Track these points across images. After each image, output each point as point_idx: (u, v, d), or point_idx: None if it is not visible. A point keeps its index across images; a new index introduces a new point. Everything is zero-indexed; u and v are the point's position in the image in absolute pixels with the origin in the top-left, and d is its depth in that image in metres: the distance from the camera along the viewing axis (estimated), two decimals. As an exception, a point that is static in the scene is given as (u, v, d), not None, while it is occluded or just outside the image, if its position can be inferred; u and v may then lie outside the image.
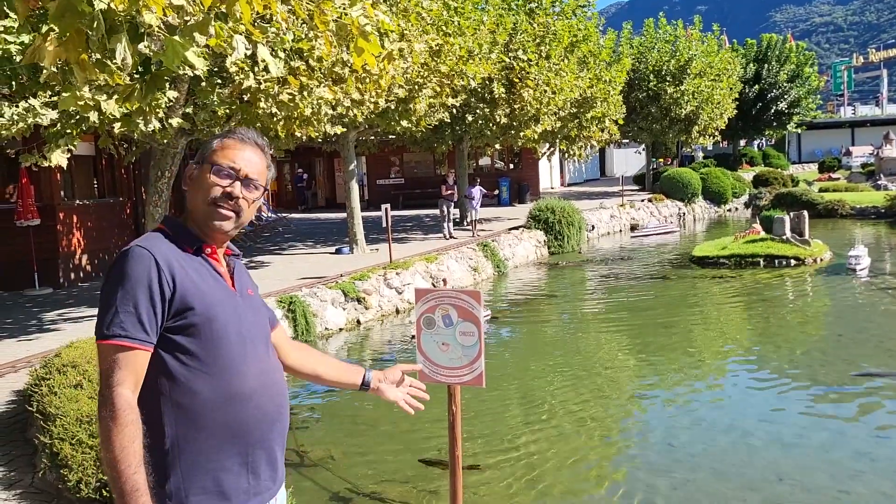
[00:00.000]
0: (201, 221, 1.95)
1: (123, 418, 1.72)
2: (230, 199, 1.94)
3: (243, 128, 2.07)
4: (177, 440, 1.81)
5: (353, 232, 15.22)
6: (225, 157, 1.96)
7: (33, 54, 2.89)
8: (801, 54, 41.30)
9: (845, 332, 9.76)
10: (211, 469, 1.83)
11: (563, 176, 39.72)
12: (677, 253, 18.02)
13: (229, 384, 1.84)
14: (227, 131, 2.04)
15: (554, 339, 10.47)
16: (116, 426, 1.71)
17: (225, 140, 1.99)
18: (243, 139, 2.00)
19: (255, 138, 2.02)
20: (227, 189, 1.94)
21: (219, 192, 1.94)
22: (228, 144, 1.98)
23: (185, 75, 7.72)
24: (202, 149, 2.02)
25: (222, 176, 1.94)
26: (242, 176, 1.96)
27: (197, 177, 1.97)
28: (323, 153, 28.25)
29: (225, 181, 1.94)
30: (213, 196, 1.93)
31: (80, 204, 12.84)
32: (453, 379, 3.00)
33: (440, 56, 13.70)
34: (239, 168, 1.96)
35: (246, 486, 1.87)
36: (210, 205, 1.92)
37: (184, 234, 1.94)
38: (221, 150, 1.97)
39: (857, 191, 27.70)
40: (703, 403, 7.26)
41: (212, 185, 1.94)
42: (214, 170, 1.94)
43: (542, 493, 5.39)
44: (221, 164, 1.95)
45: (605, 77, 21.54)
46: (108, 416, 1.72)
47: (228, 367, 1.85)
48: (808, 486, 5.27)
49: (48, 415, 4.67)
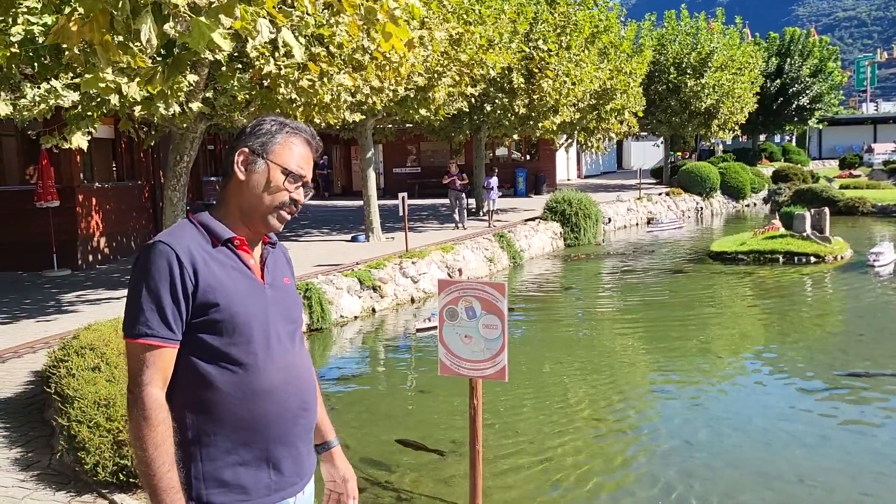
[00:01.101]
0: (256, 219, 1.89)
1: (155, 417, 1.71)
2: (295, 205, 1.92)
3: (302, 123, 1.99)
4: (197, 434, 1.79)
5: (370, 220, 15.20)
6: (294, 159, 1.90)
7: (57, 35, 2.86)
8: (824, 49, 40.74)
9: (866, 332, 9.62)
10: (230, 463, 1.80)
11: (580, 168, 39.51)
12: (695, 248, 17.86)
13: (251, 380, 1.81)
14: (289, 125, 1.94)
15: (569, 332, 10.41)
16: (148, 425, 1.70)
17: (292, 137, 1.91)
18: (308, 141, 1.94)
19: (313, 139, 1.97)
20: (294, 195, 1.90)
21: (287, 197, 1.89)
22: (297, 144, 1.92)
23: (205, 59, 7.69)
24: (262, 139, 1.90)
25: (293, 182, 1.90)
26: (306, 180, 1.93)
27: (261, 174, 1.88)
28: (340, 140, 28.23)
29: (294, 188, 1.90)
30: (282, 201, 1.89)
31: (99, 186, 12.89)
32: (475, 372, 2.95)
33: (460, 45, 13.60)
34: (306, 173, 1.93)
35: (267, 481, 1.84)
36: (276, 208, 1.89)
37: (213, 225, 1.88)
38: (289, 149, 1.90)
39: (879, 188, 27.33)
40: (721, 401, 7.18)
41: (281, 190, 1.89)
42: (290, 177, 1.89)
43: (559, 487, 5.35)
44: (294, 170, 1.89)
45: (626, 69, 21.33)
46: (139, 416, 1.71)
47: (250, 363, 1.81)
48: (828, 487, 5.19)
49: (66, 397, 4.68)
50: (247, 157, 1.89)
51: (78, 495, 4.19)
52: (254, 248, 1.94)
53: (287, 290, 1.98)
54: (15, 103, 7.06)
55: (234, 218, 1.90)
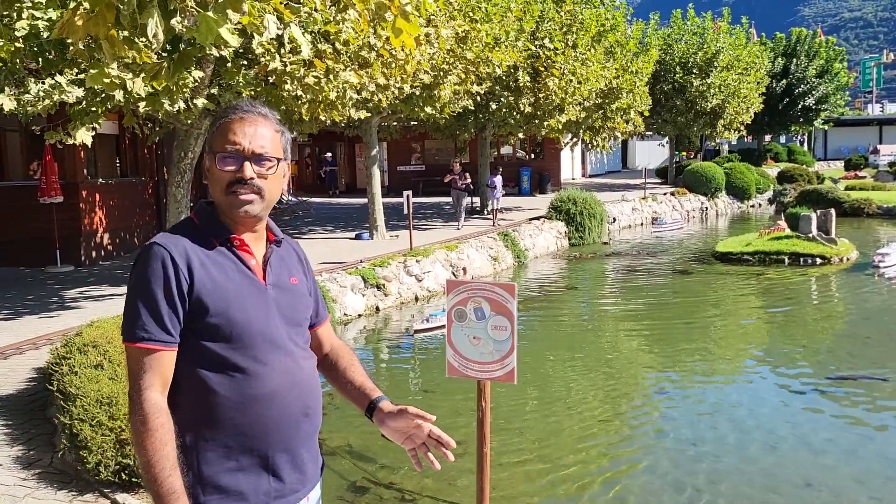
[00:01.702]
0: (227, 212, 1.85)
1: (153, 422, 1.69)
2: (244, 183, 1.82)
3: (242, 100, 1.92)
4: (195, 439, 1.76)
5: (374, 218, 15.15)
6: (225, 139, 1.82)
7: (62, 29, 2.82)
8: (830, 49, 40.58)
9: (873, 335, 9.56)
10: (229, 469, 1.77)
11: (585, 167, 39.41)
12: (701, 248, 17.79)
13: (250, 385, 1.77)
14: (223, 110, 1.89)
15: (573, 332, 10.36)
16: (147, 430, 1.68)
17: (223, 121, 1.85)
18: (241, 115, 1.84)
19: (254, 108, 1.87)
20: (238, 174, 1.81)
21: (229, 179, 1.81)
22: (226, 125, 1.84)
23: (211, 56, 7.65)
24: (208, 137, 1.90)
25: (228, 162, 1.82)
26: (249, 153, 1.82)
27: (209, 168, 1.86)
28: (344, 138, 28.17)
29: (232, 166, 1.82)
30: (226, 185, 1.82)
31: (102, 182, 12.86)
32: (483, 374, 2.91)
33: (466, 42, 13.54)
34: (243, 146, 1.82)
35: (267, 487, 1.80)
36: (227, 194, 1.82)
37: (214, 225, 1.85)
38: (221, 133, 1.84)
39: (885, 190, 27.22)
40: (727, 404, 7.12)
41: (220, 175, 1.82)
42: (219, 158, 1.82)
43: (561, 488, 5.31)
44: (225, 148, 1.82)
45: (632, 68, 21.24)
46: (138, 422, 1.70)
47: (250, 368, 1.77)
48: (836, 492, 5.14)
49: (68, 395, 4.64)
50: (207, 162, 1.88)
51: (80, 494, 4.15)
52: (257, 247, 1.89)
53: (293, 291, 1.93)
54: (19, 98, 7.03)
55: (224, 217, 1.87)
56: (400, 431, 1.97)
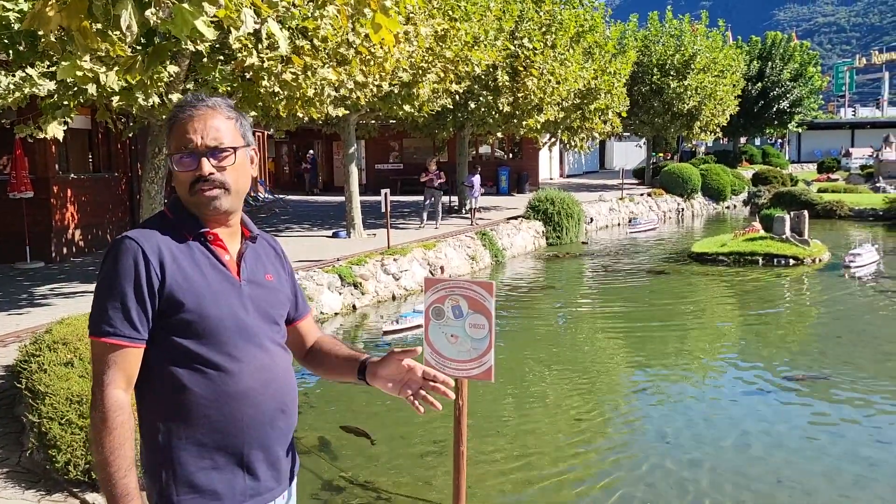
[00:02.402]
0: (197, 211, 1.82)
1: (113, 420, 1.66)
2: (205, 180, 1.78)
3: (189, 96, 1.88)
4: (168, 437, 1.73)
5: (351, 216, 15.09)
6: (177, 139, 1.79)
7: (33, 20, 2.76)
8: (804, 53, 41.15)
9: (844, 335, 9.70)
10: (203, 467, 1.74)
11: (563, 167, 39.59)
12: (676, 249, 17.95)
13: (224, 382, 1.74)
14: (172, 110, 1.85)
15: (550, 331, 10.39)
16: (106, 428, 1.65)
17: (173, 122, 1.81)
18: (190, 111, 1.80)
19: (202, 101, 1.82)
20: (197, 172, 1.78)
21: (189, 178, 1.78)
22: (177, 123, 1.80)
23: (186, 50, 7.56)
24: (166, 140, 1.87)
25: (184, 162, 1.79)
26: (204, 148, 1.78)
27: (171, 171, 1.84)
28: (322, 135, 28.02)
29: (190, 166, 1.78)
30: (188, 184, 1.79)
31: (74, 178, 12.67)
32: (461, 372, 2.90)
33: (445, 41, 13.52)
34: (196, 142, 1.78)
35: (242, 486, 1.77)
36: (191, 194, 1.79)
37: (187, 219, 1.82)
38: (172, 133, 1.81)
39: (856, 192, 27.64)
40: (699, 402, 7.19)
41: (181, 173, 1.79)
42: (175, 160, 1.79)
43: (536, 486, 5.32)
44: (180, 148, 1.78)
45: (610, 69, 21.36)
46: (97, 418, 1.67)
47: (223, 364, 1.74)
48: (807, 489, 5.21)
49: (37, 393, 4.56)
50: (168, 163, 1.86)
51: (48, 494, 4.08)
52: (231, 243, 1.86)
53: (269, 287, 1.89)
54: (-11, 91, 6.88)
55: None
56: (395, 381, 1.97)
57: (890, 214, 22.49)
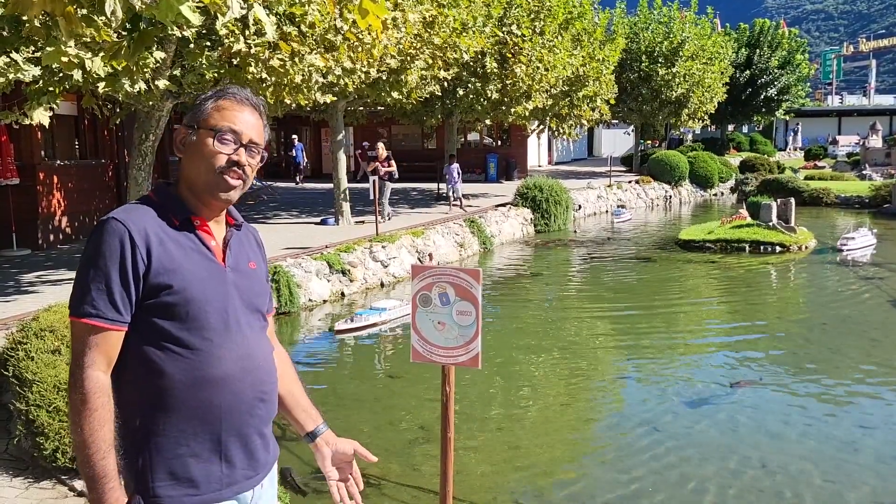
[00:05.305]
0: (203, 191, 1.81)
1: (93, 402, 1.65)
2: (237, 167, 1.81)
3: (235, 86, 1.91)
4: (145, 422, 1.72)
5: (339, 203, 15.05)
6: (224, 119, 1.81)
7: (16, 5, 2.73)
8: (793, 41, 41.21)
9: (829, 321, 9.80)
10: (180, 454, 1.73)
11: (551, 154, 39.61)
12: (664, 236, 18.03)
13: (202, 366, 1.74)
14: (218, 91, 1.87)
15: (537, 318, 10.44)
16: (85, 410, 1.64)
17: (220, 101, 1.83)
18: (240, 99, 1.84)
19: (250, 98, 1.86)
20: (233, 157, 1.80)
21: (224, 160, 1.80)
22: (225, 106, 1.82)
23: (172, 36, 7.49)
24: (194, 111, 1.85)
25: (226, 142, 1.80)
26: (245, 141, 1.82)
27: (195, 144, 1.81)
28: (310, 122, 27.86)
29: (229, 148, 1.80)
30: (220, 166, 1.79)
31: (61, 164, 12.56)
32: (448, 359, 2.92)
33: (433, 27, 13.46)
34: (241, 132, 1.81)
35: (219, 474, 1.77)
36: (216, 174, 1.79)
37: (173, 204, 1.81)
38: (218, 112, 1.81)
39: (843, 180, 27.82)
40: (686, 388, 7.25)
41: (215, 154, 1.79)
42: (218, 136, 1.79)
43: (524, 472, 5.36)
44: (223, 128, 1.80)
45: (599, 56, 21.34)
46: (77, 400, 1.66)
47: (203, 349, 1.74)
48: (791, 474, 5.28)
49: (24, 380, 4.55)
50: (183, 134, 1.84)
51: (36, 481, 4.08)
52: (216, 229, 1.87)
53: (252, 276, 1.90)
54: (-28, 76, 6.80)
55: (188, 196, 1.83)
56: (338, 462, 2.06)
57: (875, 202, 22.67)
